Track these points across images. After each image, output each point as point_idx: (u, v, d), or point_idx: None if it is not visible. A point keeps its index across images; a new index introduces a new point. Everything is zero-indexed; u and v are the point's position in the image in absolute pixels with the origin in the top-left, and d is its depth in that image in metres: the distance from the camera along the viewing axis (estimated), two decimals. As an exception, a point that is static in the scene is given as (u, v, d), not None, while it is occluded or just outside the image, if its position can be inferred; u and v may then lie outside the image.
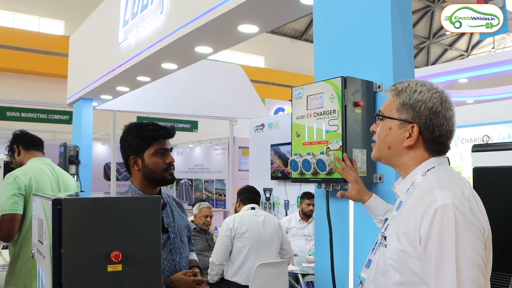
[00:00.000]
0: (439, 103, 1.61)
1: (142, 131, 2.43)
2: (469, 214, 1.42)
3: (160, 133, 2.43)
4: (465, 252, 1.38)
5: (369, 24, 2.51)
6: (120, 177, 12.52)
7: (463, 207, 1.42)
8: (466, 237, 1.39)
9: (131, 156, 2.44)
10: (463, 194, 1.46)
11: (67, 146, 7.96)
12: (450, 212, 1.40)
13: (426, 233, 1.42)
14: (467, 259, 1.38)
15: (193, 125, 12.98)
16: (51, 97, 14.99)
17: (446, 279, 1.38)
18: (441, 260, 1.39)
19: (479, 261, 1.39)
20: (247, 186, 4.96)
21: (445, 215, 1.40)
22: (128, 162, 2.46)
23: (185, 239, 2.61)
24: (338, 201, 2.61)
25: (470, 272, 1.37)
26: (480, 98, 13.71)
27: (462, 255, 1.38)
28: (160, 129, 2.44)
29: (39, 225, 1.64)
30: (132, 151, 2.44)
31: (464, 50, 31.15)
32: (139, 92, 7.63)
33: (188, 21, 4.28)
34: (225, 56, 22.57)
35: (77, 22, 9.90)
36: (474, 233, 1.41)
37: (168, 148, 2.45)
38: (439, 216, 1.41)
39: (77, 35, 8.39)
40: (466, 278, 1.36)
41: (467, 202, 1.45)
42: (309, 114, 2.52)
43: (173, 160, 2.45)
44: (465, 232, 1.39)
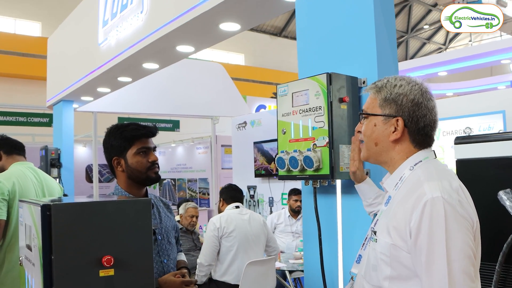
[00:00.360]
0: (420, 94, 1.63)
1: (123, 131, 2.41)
2: (458, 206, 1.43)
3: (141, 132, 2.41)
4: (455, 244, 1.39)
5: (352, 20, 2.52)
6: (102, 178, 12.42)
7: (452, 200, 1.43)
8: (456, 229, 1.40)
9: (114, 157, 2.42)
10: (451, 187, 1.48)
11: (48, 149, 7.87)
12: (440, 204, 1.42)
13: (416, 226, 1.43)
14: (457, 250, 1.39)
15: (175, 125, 12.90)
16: (29, 100, 14.78)
17: (437, 271, 1.39)
18: (432, 253, 1.40)
19: (469, 253, 1.41)
20: (229, 185, 4.93)
21: (434, 208, 1.42)
22: (112, 164, 2.45)
23: (172, 240, 2.59)
24: (326, 198, 2.62)
25: (461, 263, 1.39)
26: (459, 90, 13.89)
27: (453, 247, 1.39)
28: (142, 128, 2.43)
29: (26, 232, 1.61)
30: (114, 152, 2.42)
31: (442, 43, 31.50)
32: (120, 92, 7.57)
33: (169, 20, 4.25)
34: (205, 54, 22.45)
35: (54, 23, 9.79)
36: (464, 224, 1.42)
37: (150, 147, 2.43)
38: (429, 209, 1.42)
39: (56, 36, 8.28)
40: (457, 270, 1.38)
41: (456, 194, 1.46)
42: (294, 111, 2.52)
43: (157, 159, 2.44)
44: (454, 224, 1.40)
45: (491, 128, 6.39)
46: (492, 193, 2.24)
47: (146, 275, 1.55)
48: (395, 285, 1.51)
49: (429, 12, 28.52)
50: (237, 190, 4.82)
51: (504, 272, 2.20)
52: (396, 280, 1.51)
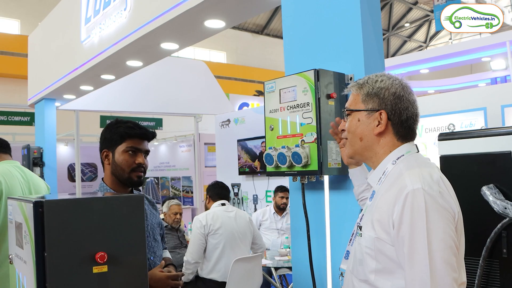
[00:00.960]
0: (401, 88, 1.67)
1: (119, 126, 2.41)
2: (438, 197, 1.46)
3: (135, 131, 2.39)
4: (436, 234, 1.42)
5: (338, 16, 2.53)
6: (84, 178, 12.31)
7: (432, 191, 1.46)
8: (437, 219, 1.43)
9: (104, 149, 2.43)
10: (432, 178, 1.50)
11: (30, 148, 7.78)
12: (420, 196, 1.44)
13: (398, 218, 1.46)
14: (438, 240, 1.41)
15: (157, 123, 12.86)
16: (8, 99, 14.60)
17: (419, 261, 1.41)
18: (413, 243, 1.42)
19: (451, 243, 1.43)
20: (216, 182, 4.94)
21: (415, 199, 1.44)
22: (101, 156, 2.45)
23: (158, 238, 2.58)
24: (313, 194, 2.63)
25: (442, 253, 1.41)
26: (440, 88, 14.02)
27: (434, 238, 1.41)
28: (137, 128, 2.42)
29: (17, 229, 1.59)
30: (106, 144, 2.42)
31: (423, 41, 31.76)
32: (102, 91, 7.51)
33: (153, 18, 4.23)
34: (188, 52, 22.37)
35: (34, 21, 9.68)
36: (445, 215, 1.45)
37: (141, 149, 2.41)
38: (410, 200, 1.45)
39: (36, 34, 8.19)
40: (438, 260, 1.40)
41: (436, 185, 1.48)
42: (282, 108, 2.53)
43: (143, 162, 2.40)
44: (435, 215, 1.43)
45: (472, 125, 6.46)
46: (475, 188, 2.27)
47: (139, 271, 1.55)
48: (381, 277, 1.53)
49: (409, 10, 28.76)
50: (224, 187, 4.82)
51: (487, 266, 2.23)
52: (382, 273, 1.52)
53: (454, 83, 13.97)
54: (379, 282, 1.53)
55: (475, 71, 18.95)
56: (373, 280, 1.54)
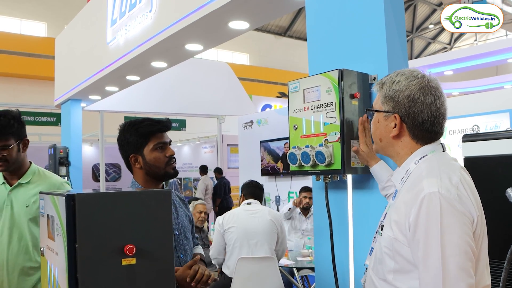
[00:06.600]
0: (417, 89, 1.62)
1: (139, 127, 2.38)
2: (455, 201, 1.43)
3: (157, 127, 2.39)
4: (450, 239, 1.40)
5: (362, 17, 2.54)
6: (108, 178, 12.47)
7: (449, 194, 1.44)
8: (452, 224, 1.41)
9: (131, 154, 2.39)
10: (450, 182, 1.48)
11: (56, 148, 7.91)
12: (436, 200, 1.42)
13: (414, 221, 1.45)
14: (452, 246, 1.39)
15: (181, 124, 12.95)
16: (35, 100, 14.85)
17: (432, 266, 1.40)
18: (427, 248, 1.41)
19: (466, 248, 1.41)
20: (250, 181, 4.96)
21: (430, 203, 1.43)
22: (129, 161, 2.42)
23: (189, 235, 2.56)
24: (336, 193, 2.64)
25: (457, 258, 1.39)
26: (465, 90, 13.85)
27: (448, 242, 1.39)
28: (156, 123, 2.40)
29: (49, 222, 1.65)
30: (131, 149, 2.39)
31: (447, 43, 31.44)
32: (126, 92, 7.61)
33: (178, 19, 4.28)
34: (211, 54, 22.51)
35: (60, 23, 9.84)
36: (461, 220, 1.42)
37: (166, 142, 2.41)
38: (426, 204, 1.43)
39: (63, 36, 8.33)
40: (452, 265, 1.38)
41: (455, 189, 1.46)
42: (306, 107, 2.54)
43: (174, 153, 2.41)
44: (450, 220, 1.41)
45: (497, 127, 6.39)
46: (500, 190, 2.25)
47: (166, 264, 1.58)
48: (398, 277, 1.53)
49: (434, 11, 28.48)
50: (257, 186, 4.86)
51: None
52: (399, 273, 1.52)
53: (479, 85, 13.78)
54: (398, 282, 1.53)
55: (500, 72, 18.70)
56: (391, 280, 1.55)
